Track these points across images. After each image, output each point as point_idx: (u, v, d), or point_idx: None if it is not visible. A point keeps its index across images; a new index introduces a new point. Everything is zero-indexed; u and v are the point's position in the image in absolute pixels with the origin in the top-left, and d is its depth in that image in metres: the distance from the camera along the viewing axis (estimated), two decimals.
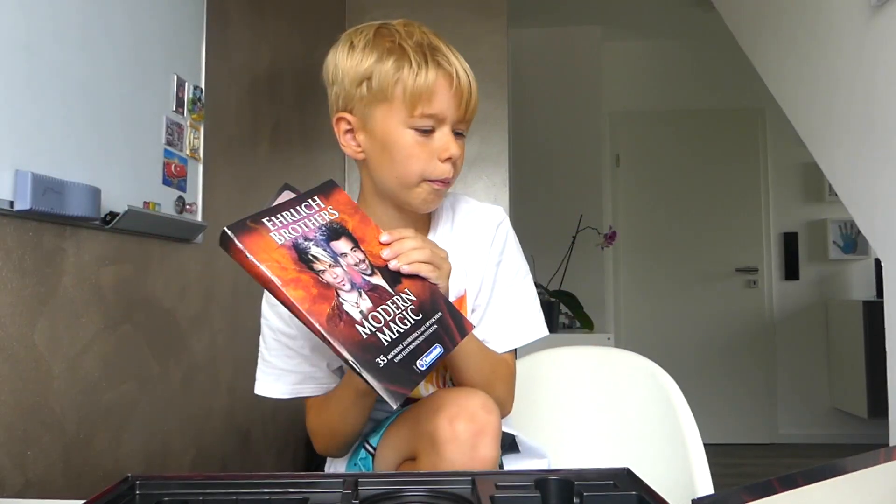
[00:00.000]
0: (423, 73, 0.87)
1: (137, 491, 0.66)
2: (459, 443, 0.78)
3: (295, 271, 0.69)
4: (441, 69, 0.87)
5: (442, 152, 0.89)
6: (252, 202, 1.91)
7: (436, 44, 0.89)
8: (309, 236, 0.74)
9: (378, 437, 0.95)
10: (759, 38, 2.26)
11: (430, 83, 0.87)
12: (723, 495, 0.52)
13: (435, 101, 0.87)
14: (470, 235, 1.00)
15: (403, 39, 0.89)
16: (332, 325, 0.67)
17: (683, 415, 1.09)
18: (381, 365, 0.67)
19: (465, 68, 0.89)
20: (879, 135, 1.59)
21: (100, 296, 1.19)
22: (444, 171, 0.89)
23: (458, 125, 0.90)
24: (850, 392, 4.00)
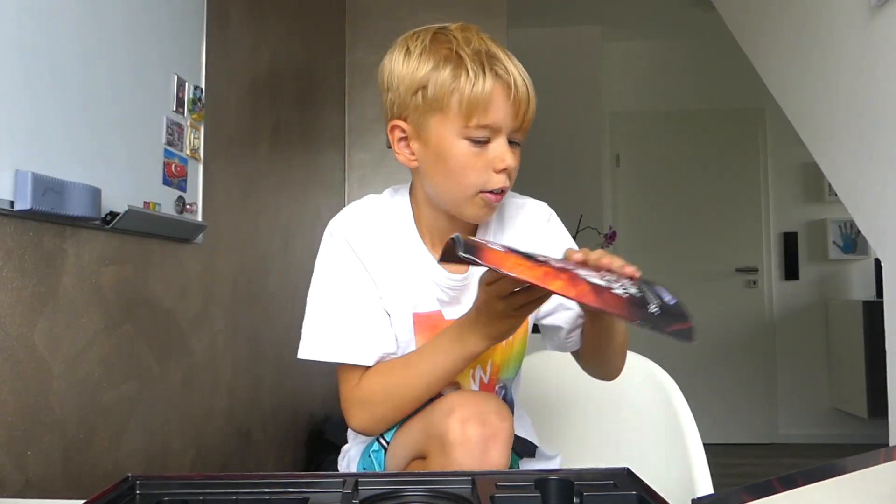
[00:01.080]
0: (481, 83, 0.85)
1: (137, 491, 0.66)
2: (469, 446, 0.78)
3: (537, 267, 0.69)
4: (499, 78, 0.85)
5: (497, 163, 0.87)
6: (252, 202, 1.91)
7: (493, 51, 0.87)
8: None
9: (392, 432, 0.95)
10: (759, 38, 2.26)
11: (487, 93, 0.85)
12: (723, 495, 0.52)
13: (491, 111, 0.86)
14: (519, 234, 1.00)
15: (461, 46, 0.87)
16: (601, 299, 0.68)
17: (683, 415, 1.09)
18: (656, 313, 0.69)
19: (523, 76, 0.87)
20: (879, 135, 1.59)
21: (100, 296, 1.19)
22: (499, 182, 0.88)
23: (514, 134, 0.89)
24: (850, 392, 4.00)
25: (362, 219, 0.96)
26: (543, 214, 1.03)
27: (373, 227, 0.95)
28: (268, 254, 2.02)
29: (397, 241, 0.95)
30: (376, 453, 0.97)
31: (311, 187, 2.45)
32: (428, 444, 0.83)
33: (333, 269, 0.94)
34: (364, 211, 0.98)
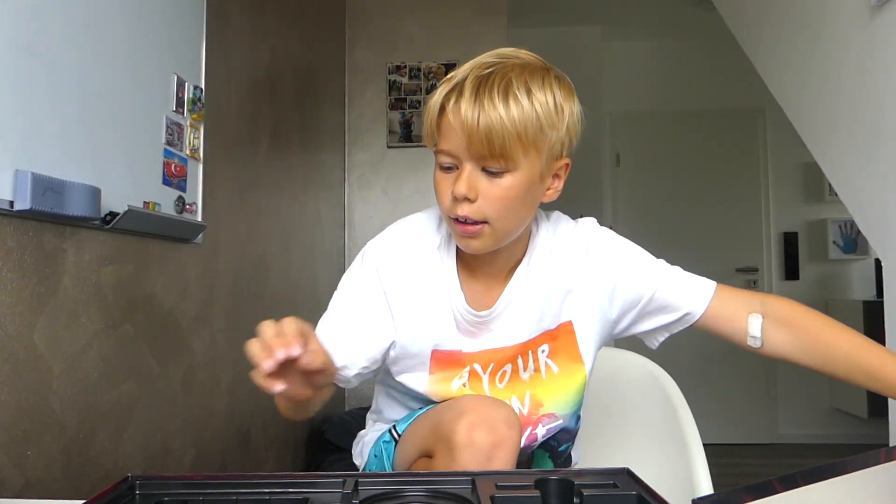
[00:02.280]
0: (435, 108, 0.85)
1: (137, 491, 0.66)
2: (475, 451, 0.78)
3: None
4: (457, 105, 0.82)
5: (454, 189, 0.84)
6: (252, 202, 1.91)
7: (492, 81, 0.82)
8: None
9: (405, 425, 0.95)
10: (759, 38, 2.26)
11: (434, 117, 0.85)
12: (723, 495, 0.52)
13: (444, 139, 0.85)
14: (567, 259, 0.97)
15: (464, 71, 0.86)
16: None
17: (683, 415, 1.09)
18: None
19: (492, 112, 0.80)
20: (879, 134, 1.59)
21: (100, 296, 1.19)
22: (457, 210, 0.84)
23: (489, 163, 0.83)
24: (850, 392, 4.00)
25: (399, 249, 0.95)
26: (583, 234, 1.00)
27: (408, 258, 0.94)
28: (268, 254, 2.02)
29: (432, 272, 0.94)
30: (387, 444, 0.98)
31: (311, 187, 2.45)
32: (435, 443, 0.83)
33: (348, 291, 0.95)
34: (404, 239, 0.96)
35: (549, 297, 0.95)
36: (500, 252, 0.92)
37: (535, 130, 0.82)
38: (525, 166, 0.83)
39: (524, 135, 0.81)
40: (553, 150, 0.86)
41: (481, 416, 0.81)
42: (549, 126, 0.84)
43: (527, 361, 0.96)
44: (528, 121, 0.81)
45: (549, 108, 0.83)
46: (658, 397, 1.14)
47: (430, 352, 0.94)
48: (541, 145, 0.84)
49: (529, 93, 0.82)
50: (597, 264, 0.98)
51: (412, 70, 3.01)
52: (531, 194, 0.87)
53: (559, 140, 0.86)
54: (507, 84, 0.82)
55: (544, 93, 0.83)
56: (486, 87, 0.81)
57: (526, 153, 0.83)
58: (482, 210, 0.84)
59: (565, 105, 0.86)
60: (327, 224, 2.65)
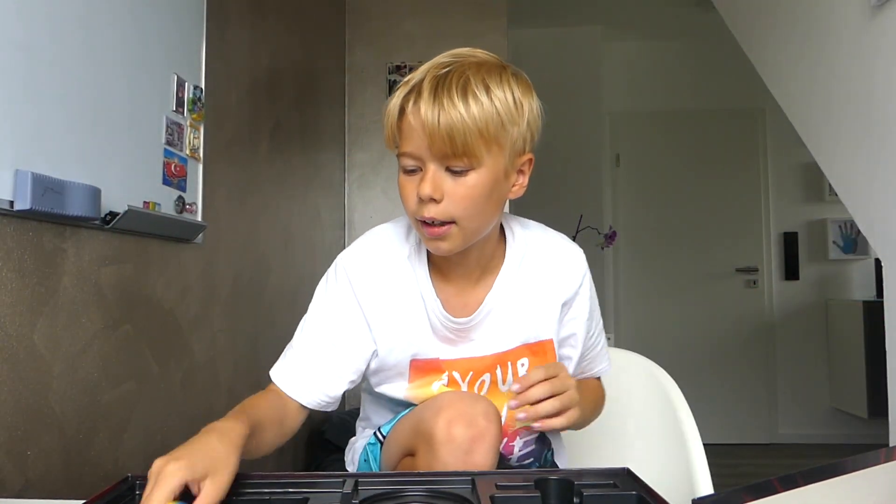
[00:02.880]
0: (394, 110, 0.84)
1: (137, 491, 0.66)
2: (455, 446, 0.78)
3: None
4: (416, 106, 0.82)
5: (418, 190, 0.83)
6: (252, 202, 1.91)
7: (451, 79, 0.81)
8: None
9: (390, 426, 0.96)
10: (759, 38, 2.26)
11: (394, 119, 0.84)
12: (723, 495, 0.52)
13: (405, 140, 0.84)
14: (544, 276, 0.97)
15: (421, 72, 0.85)
16: None
17: (683, 415, 1.09)
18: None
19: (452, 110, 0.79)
20: (879, 135, 1.59)
21: (100, 296, 1.19)
22: (422, 211, 0.84)
23: (453, 162, 0.82)
24: (850, 392, 4.00)
25: (371, 261, 0.94)
26: (578, 268, 1.00)
27: (381, 269, 0.94)
28: (268, 254, 2.02)
29: (405, 281, 0.93)
30: (373, 447, 0.98)
31: (311, 187, 2.45)
32: (417, 441, 0.84)
33: (324, 306, 0.95)
34: (375, 251, 0.96)
35: (531, 309, 0.95)
36: (470, 252, 0.92)
37: (497, 127, 0.82)
38: (489, 163, 0.83)
39: (486, 131, 0.81)
40: (515, 146, 0.86)
41: (459, 411, 0.81)
42: (510, 122, 0.83)
43: (505, 373, 0.96)
44: (489, 117, 0.81)
45: (509, 104, 0.83)
46: (658, 397, 1.14)
47: (409, 361, 0.94)
48: (503, 142, 0.83)
49: (488, 90, 0.82)
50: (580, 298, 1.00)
51: (412, 70, 3.01)
52: (497, 192, 0.86)
53: (521, 135, 0.86)
54: (465, 82, 0.81)
55: (503, 89, 0.83)
56: (445, 87, 0.81)
57: (489, 150, 0.82)
58: (448, 210, 0.83)
59: (524, 100, 0.86)
60: (327, 224, 2.65)
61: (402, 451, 0.89)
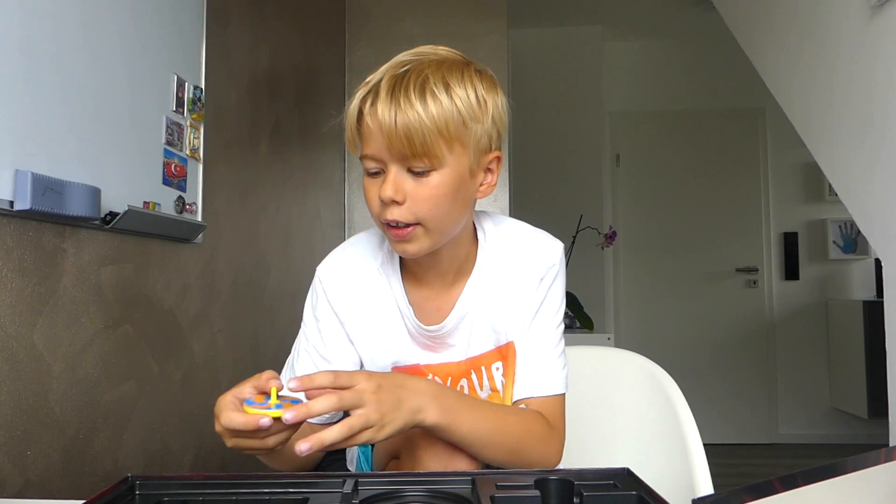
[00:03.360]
0: (355, 112, 0.83)
1: (137, 491, 0.66)
2: (435, 451, 0.78)
3: None
4: (373, 108, 0.80)
5: (380, 193, 0.82)
6: (252, 202, 1.91)
7: (409, 78, 0.80)
8: None
9: None
10: (759, 38, 2.26)
11: (353, 123, 0.83)
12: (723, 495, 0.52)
13: (365, 143, 0.82)
14: (519, 276, 0.93)
15: (380, 74, 0.83)
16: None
17: (683, 415, 1.09)
18: None
19: (409, 110, 0.78)
20: (879, 134, 1.59)
21: (100, 296, 1.19)
22: (387, 214, 0.82)
23: (410, 163, 0.80)
24: (850, 392, 4.00)
25: (344, 271, 0.94)
26: (551, 258, 0.93)
27: (355, 280, 0.93)
28: (268, 254, 2.02)
29: (379, 290, 0.93)
30: (364, 449, 0.98)
31: (311, 187, 2.45)
32: (400, 444, 0.83)
33: (310, 323, 0.95)
34: (348, 261, 0.95)
35: (506, 310, 0.92)
36: (442, 255, 0.90)
37: (458, 125, 0.80)
38: (451, 163, 0.81)
39: (445, 130, 0.79)
40: (480, 144, 0.84)
41: None
42: (472, 119, 0.81)
43: (481, 378, 0.94)
44: (449, 116, 0.79)
45: (471, 101, 0.81)
46: (658, 397, 1.14)
47: (391, 369, 0.93)
48: (466, 140, 0.81)
49: (448, 88, 0.80)
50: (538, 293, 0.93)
51: None
52: (462, 192, 0.84)
53: (485, 133, 0.84)
54: (423, 81, 0.80)
55: (464, 87, 0.81)
56: (402, 86, 0.79)
57: (450, 149, 0.80)
58: (412, 211, 0.81)
59: (488, 97, 0.84)
60: (327, 224, 2.66)
61: (387, 454, 0.89)
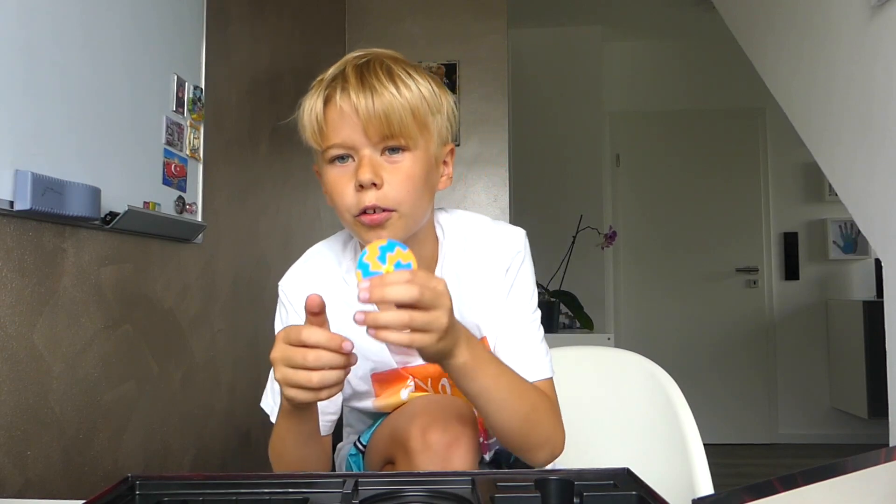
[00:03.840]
0: (314, 106, 0.82)
1: (137, 491, 0.66)
2: (432, 454, 0.77)
3: None
4: (345, 93, 0.80)
5: (357, 179, 0.80)
6: (252, 202, 1.91)
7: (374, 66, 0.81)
8: None
9: (368, 435, 0.95)
10: (759, 38, 2.26)
11: (320, 114, 0.82)
12: (723, 495, 0.52)
13: (333, 132, 0.81)
14: (484, 267, 0.91)
15: (333, 70, 0.84)
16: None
17: (683, 415, 1.09)
18: None
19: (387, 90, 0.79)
20: (879, 134, 1.59)
21: (100, 296, 1.19)
22: (364, 201, 0.80)
23: (387, 142, 0.81)
24: (850, 392, 4.00)
25: (308, 283, 0.92)
26: (514, 245, 0.92)
27: (320, 290, 0.88)
28: (268, 254, 2.02)
29: (347, 298, 0.89)
30: (354, 457, 0.97)
31: (311, 187, 2.45)
32: (395, 450, 0.83)
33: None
34: (311, 272, 0.94)
35: (469, 305, 0.90)
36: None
37: (425, 111, 0.82)
38: (422, 146, 0.83)
39: (417, 113, 0.81)
40: (441, 135, 0.86)
41: (433, 416, 0.80)
42: (435, 108, 0.84)
43: None
44: (418, 101, 0.81)
45: (432, 91, 0.84)
46: (658, 397, 1.14)
47: (370, 377, 0.92)
48: (431, 128, 0.84)
49: (411, 76, 0.83)
50: (506, 281, 0.92)
51: None
52: (430, 179, 0.86)
53: (444, 124, 0.86)
54: (388, 69, 0.82)
55: (424, 79, 0.84)
56: (370, 72, 0.81)
57: (421, 132, 0.82)
58: (389, 195, 0.80)
59: (441, 93, 0.86)
60: (327, 224, 2.66)
61: (382, 460, 0.88)
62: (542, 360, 0.90)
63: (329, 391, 0.69)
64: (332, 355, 0.68)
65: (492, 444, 0.96)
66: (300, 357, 0.68)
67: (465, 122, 3.01)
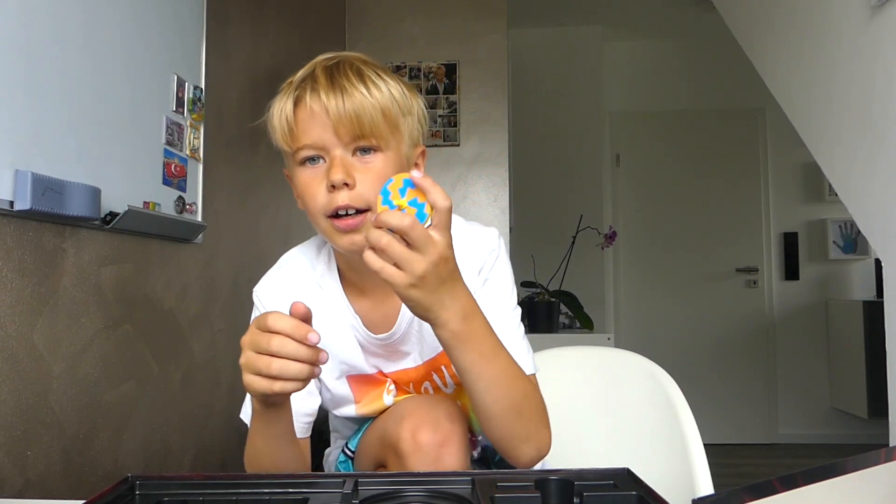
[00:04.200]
0: (290, 104, 0.81)
1: (137, 491, 0.66)
2: (423, 454, 0.77)
3: None
4: (315, 94, 0.79)
5: (329, 179, 0.79)
6: (252, 202, 1.91)
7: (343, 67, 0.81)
8: None
9: (356, 440, 0.95)
10: (759, 38, 2.26)
11: (290, 115, 0.81)
12: (723, 495, 0.52)
13: (306, 132, 0.80)
14: (465, 271, 0.86)
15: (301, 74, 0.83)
16: None
17: (683, 415, 1.09)
18: None
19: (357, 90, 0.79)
20: (879, 134, 1.59)
21: (100, 296, 1.19)
22: (336, 201, 0.79)
23: (358, 143, 0.80)
24: (850, 392, 4.00)
25: (284, 289, 0.92)
26: (487, 245, 0.90)
27: (296, 296, 0.89)
28: (268, 254, 2.02)
29: (324, 304, 0.90)
30: (343, 464, 0.97)
31: None
32: (385, 453, 0.82)
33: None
34: (286, 278, 0.93)
35: None
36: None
37: (396, 112, 0.82)
38: (393, 146, 0.83)
39: (388, 113, 0.81)
40: (412, 136, 0.86)
41: (422, 417, 0.79)
42: (406, 110, 0.84)
43: (443, 377, 0.92)
44: (388, 101, 0.81)
45: (403, 93, 0.84)
46: (658, 397, 1.14)
47: (346, 378, 0.92)
48: (402, 128, 0.84)
49: (381, 78, 0.83)
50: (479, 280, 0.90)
51: (412, 70, 3.01)
52: None
53: (415, 126, 0.86)
54: (358, 70, 0.82)
55: (393, 80, 0.84)
56: (340, 73, 0.81)
57: (392, 133, 0.82)
58: (362, 195, 0.79)
59: (411, 95, 0.86)
60: None
61: (373, 464, 0.88)
62: (525, 356, 0.87)
63: (285, 384, 0.67)
64: (296, 345, 0.67)
65: (480, 440, 0.96)
66: (265, 342, 0.68)
67: (465, 122, 3.01)
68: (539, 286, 3.20)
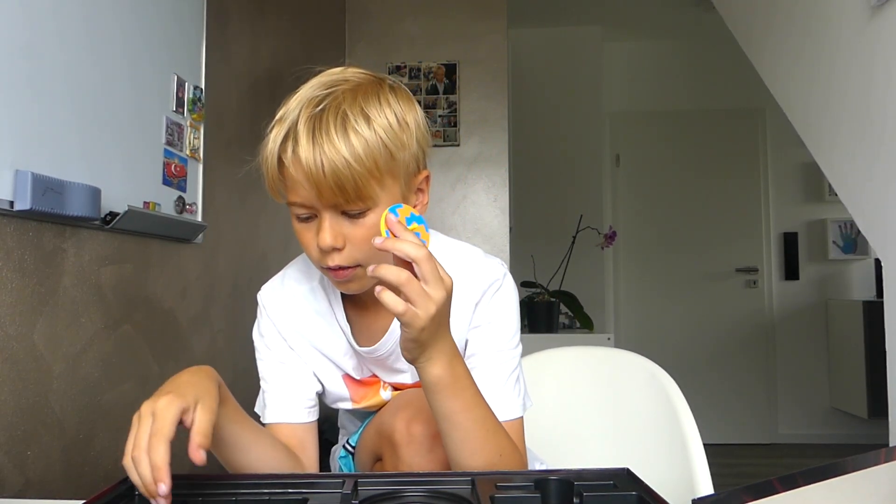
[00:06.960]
0: (274, 159, 0.77)
1: (137, 491, 0.66)
2: (416, 445, 0.78)
3: None
4: (295, 155, 0.74)
5: (318, 242, 0.77)
6: (252, 202, 1.91)
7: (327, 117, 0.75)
8: None
9: (356, 436, 0.96)
10: (759, 38, 2.26)
11: (275, 169, 0.77)
12: (723, 495, 0.52)
13: (291, 190, 0.77)
14: (459, 302, 0.85)
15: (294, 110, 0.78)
16: None
17: (683, 415, 1.09)
18: None
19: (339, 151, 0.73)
20: (879, 134, 1.59)
21: (100, 296, 1.19)
22: (327, 261, 0.78)
23: (344, 207, 0.76)
24: (850, 392, 4.00)
25: (283, 297, 0.93)
26: (488, 279, 0.87)
27: (294, 304, 0.92)
28: (268, 254, 2.02)
29: (319, 314, 0.92)
30: (344, 459, 0.98)
31: None
32: (382, 445, 0.83)
33: (262, 346, 0.93)
34: (287, 287, 0.94)
35: None
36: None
37: (385, 159, 0.76)
38: (385, 199, 0.77)
39: (375, 169, 0.75)
40: (409, 170, 0.80)
41: (417, 408, 0.80)
42: (399, 148, 0.78)
43: None
44: (376, 152, 0.75)
45: (394, 129, 0.77)
46: (658, 397, 1.14)
47: (342, 377, 0.93)
48: (396, 172, 0.78)
49: (368, 120, 0.76)
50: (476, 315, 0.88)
51: (412, 70, 3.01)
52: None
53: (412, 157, 0.80)
54: (342, 118, 0.75)
55: (383, 113, 0.78)
56: (322, 129, 0.74)
57: (382, 186, 0.77)
58: (353, 256, 0.78)
59: (408, 117, 0.80)
60: None
61: (371, 458, 0.88)
62: (514, 400, 0.85)
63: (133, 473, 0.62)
64: (145, 468, 0.60)
65: None
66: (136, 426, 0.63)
67: (465, 122, 3.01)
68: (539, 286, 3.20)
